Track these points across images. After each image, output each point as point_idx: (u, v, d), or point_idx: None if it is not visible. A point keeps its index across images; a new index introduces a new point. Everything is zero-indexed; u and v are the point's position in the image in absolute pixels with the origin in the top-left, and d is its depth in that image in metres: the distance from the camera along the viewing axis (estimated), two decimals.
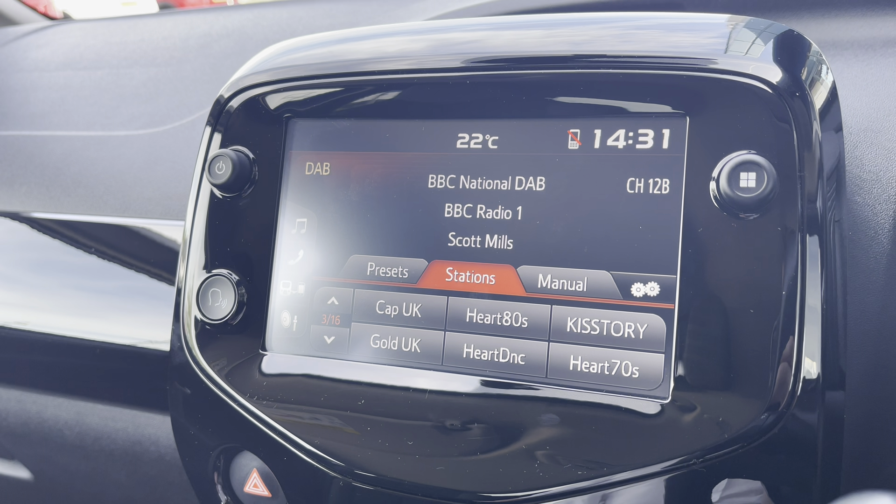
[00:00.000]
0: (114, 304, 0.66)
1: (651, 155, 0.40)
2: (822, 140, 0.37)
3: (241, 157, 0.47)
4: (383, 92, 0.46)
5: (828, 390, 0.36)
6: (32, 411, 0.71)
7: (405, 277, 0.44)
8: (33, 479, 0.75)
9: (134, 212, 0.68)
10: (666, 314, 0.38)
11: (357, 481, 0.43)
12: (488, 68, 0.43)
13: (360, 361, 0.44)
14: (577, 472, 0.38)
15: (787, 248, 0.36)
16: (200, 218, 0.49)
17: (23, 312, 0.70)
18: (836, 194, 0.38)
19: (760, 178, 0.36)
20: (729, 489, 0.37)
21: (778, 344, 0.36)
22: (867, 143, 0.47)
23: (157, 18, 0.97)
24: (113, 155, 0.74)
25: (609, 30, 0.43)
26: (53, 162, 0.76)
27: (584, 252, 0.40)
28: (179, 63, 0.84)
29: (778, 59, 0.38)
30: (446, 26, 0.48)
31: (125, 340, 0.64)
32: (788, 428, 0.36)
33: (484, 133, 0.43)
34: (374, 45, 0.48)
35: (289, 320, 0.46)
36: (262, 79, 0.49)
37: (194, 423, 0.48)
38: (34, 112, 0.85)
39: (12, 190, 0.76)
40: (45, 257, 0.71)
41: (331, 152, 0.46)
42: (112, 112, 0.80)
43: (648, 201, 0.39)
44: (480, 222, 0.42)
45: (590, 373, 0.39)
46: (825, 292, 0.36)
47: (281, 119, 0.48)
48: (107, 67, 0.88)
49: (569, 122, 0.42)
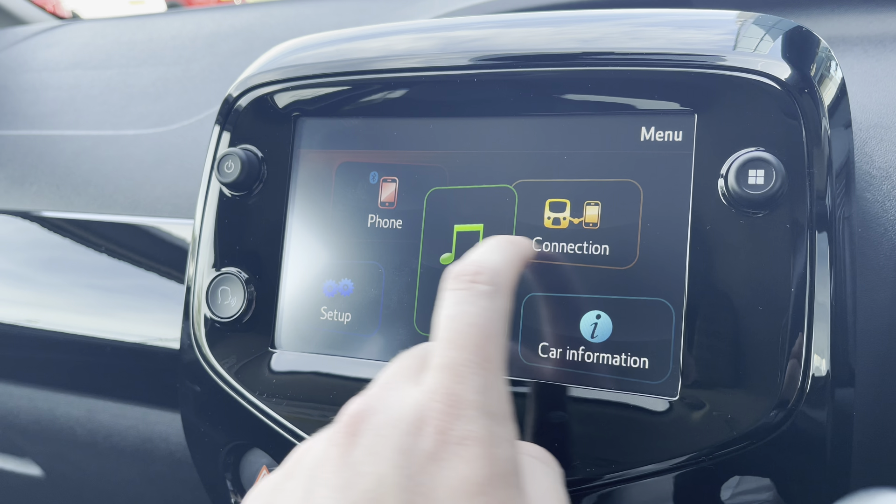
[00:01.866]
0: (124, 303, 0.67)
1: (659, 152, 0.40)
2: (831, 136, 0.37)
3: (250, 156, 0.47)
4: (391, 90, 0.46)
5: (837, 387, 0.36)
6: (44, 409, 0.72)
7: None
8: (44, 476, 0.76)
9: (143, 210, 0.68)
10: (675, 312, 0.38)
11: None
12: (496, 66, 0.43)
13: (368, 359, 0.44)
14: (587, 469, 0.38)
15: (796, 245, 0.36)
16: (209, 216, 0.49)
17: (34, 310, 0.70)
18: (846, 191, 0.38)
19: (769, 175, 0.36)
20: (738, 486, 0.37)
21: (787, 341, 0.36)
22: (877, 140, 0.47)
23: (166, 17, 0.98)
24: (122, 154, 0.74)
25: (617, 27, 0.43)
26: (64, 161, 0.77)
27: None
28: (188, 62, 0.85)
29: (787, 56, 0.38)
30: (454, 24, 0.48)
31: (135, 338, 0.65)
32: (798, 425, 0.36)
33: (491, 131, 0.43)
34: (381, 44, 0.48)
35: (298, 318, 0.46)
36: (271, 78, 0.49)
37: (204, 420, 0.49)
38: (44, 111, 0.86)
39: (23, 189, 0.76)
40: (56, 256, 0.71)
41: (339, 150, 0.46)
42: (121, 111, 0.81)
43: None
44: None
45: (598, 371, 0.39)
46: (834, 289, 0.36)
47: (289, 118, 0.48)
48: (116, 67, 0.89)
49: (577, 119, 0.42)
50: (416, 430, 0.28)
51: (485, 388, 0.29)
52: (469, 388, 0.29)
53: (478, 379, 0.29)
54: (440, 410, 0.29)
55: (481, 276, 0.32)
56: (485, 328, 0.31)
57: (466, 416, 0.28)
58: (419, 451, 0.28)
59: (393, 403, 0.30)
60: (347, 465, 0.28)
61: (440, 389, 0.29)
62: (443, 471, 0.27)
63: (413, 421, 0.29)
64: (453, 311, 0.31)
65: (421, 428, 0.28)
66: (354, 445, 0.29)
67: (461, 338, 0.30)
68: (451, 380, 0.29)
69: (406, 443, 0.28)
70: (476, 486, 0.27)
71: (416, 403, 0.29)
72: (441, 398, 0.29)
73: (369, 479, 0.27)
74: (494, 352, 0.30)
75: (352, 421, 0.30)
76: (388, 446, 0.28)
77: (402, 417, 0.29)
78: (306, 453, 0.31)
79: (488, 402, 0.29)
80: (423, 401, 0.29)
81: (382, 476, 0.27)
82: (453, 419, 0.28)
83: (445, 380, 0.29)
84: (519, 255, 0.35)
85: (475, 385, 0.29)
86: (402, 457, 0.28)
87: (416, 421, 0.29)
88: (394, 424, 0.29)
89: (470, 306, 0.31)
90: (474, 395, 0.29)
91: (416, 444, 0.28)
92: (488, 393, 0.29)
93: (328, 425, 0.31)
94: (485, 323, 0.31)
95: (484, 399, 0.29)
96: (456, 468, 0.27)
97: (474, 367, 0.30)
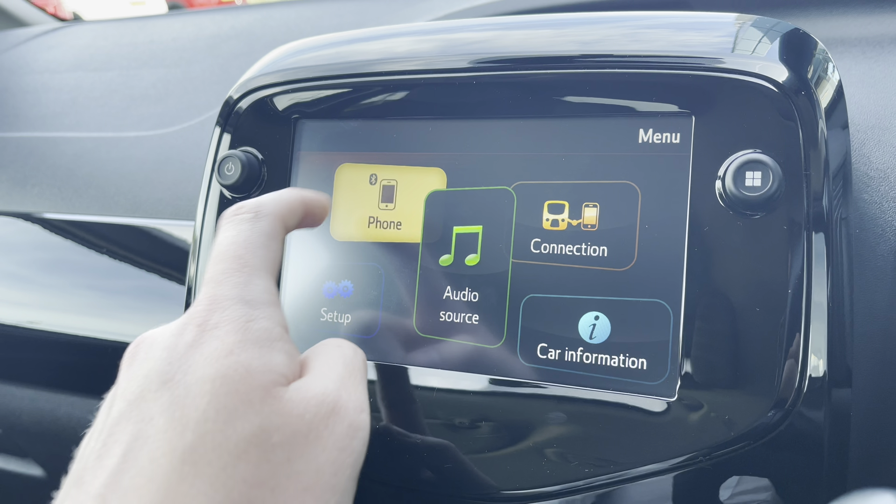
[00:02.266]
0: (125, 304, 0.67)
1: (657, 154, 0.40)
2: (827, 138, 0.37)
3: (251, 158, 0.48)
4: (391, 92, 0.46)
5: (834, 388, 0.36)
6: (46, 409, 0.72)
7: None
8: (46, 477, 0.76)
9: (144, 212, 0.69)
10: (673, 313, 0.39)
11: (366, 479, 0.43)
12: (496, 68, 0.44)
13: (368, 360, 0.44)
14: (585, 470, 0.39)
15: (793, 246, 0.37)
16: (210, 219, 0.49)
17: (35, 312, 0.71)
18: (843, 192, 0.38)
19: (766, 176, 0.36)
20: (737, 486, 0.37)
21: (784, 342, 0.36)
22: (875, 141, 0.47)
23: (166, 19, 0.98)
24: (124, 156, 0.75)
25: (615, 29, 0.43)
26: (65, 163, 0.77)
27: None
28: (188, 64, 0.85)
29: (784, 59, 0.39)
30: (453, 27, 0.48)
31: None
32: (795, 425, 0.36)
33: (490, 133, 0.43)
34: (381, 46, 0.48)
35: (297, 320, 0.46)
36: (271, 80, 0.49)
37: None
38: (46, 113, 0.86)
39: (25, 191, 0.76)
40: (58, 257, 0.72)
41: (339, 153, 0.47)
42: (122, 113, 0.81)
43: None
44: None
45: (596, 372, 0.40)
46: (831, 289, 0.36)
47: (289, 120, 0.48)
48: (117, 69, 0.89)
49: (575, 121, 0.42)
50: (182, 332, 0.32)
51: (242, 284, 0.34)
52: (226, 287, 0.33)
53: (235, 278, 0.34)
54: (200, 310, 0.33)
55: (244, 210, 0.37)
56: (243, 243, 0.35)
57: (222, 306, 0.33)
58: (181, 344, 0.32)
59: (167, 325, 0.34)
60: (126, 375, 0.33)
61: (203, 298, 0.33)
62: (199, 349, 0.31)
63: (180, 326, 0.33)
64: (219, 238, 0.36)
65: (185, 327, 0.32)
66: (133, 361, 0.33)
67: (220, 254, 0.35)
68: (212, 287, 0.34)
69: (171, 342, 0.32)
70: (224, 351, 0.31)
71: (185, 316, 0.33)
72: (204, 302, 0.33)
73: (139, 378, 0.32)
74: (253, 258, 0.35)
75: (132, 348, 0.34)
76: (156, 349, 0.32)
77: (171, 328, 0.33)
78: None
79: (245, 294, 0.33)
80: (190, 311, 0.33)
81: (149, 370, 0.31)
82: (210, 312, 0.33)
83: (207, 289, 0.34)
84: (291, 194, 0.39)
85: (232, 283, 0.34)
86: (167, 352, 0.32)
87: (182, 325, 0.33)
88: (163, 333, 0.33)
89: (230, 230, 0.36)
90: (231, 290, 0.33)
91: (181, 340, 0.32)
92: (246, 287, 0.34)
93: None
94: (243, 239, 0.35)
95: (240, 292, 0.33)
96: (210, 344, 0.31)
97: (231, 272, 0.34)
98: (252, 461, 0.29)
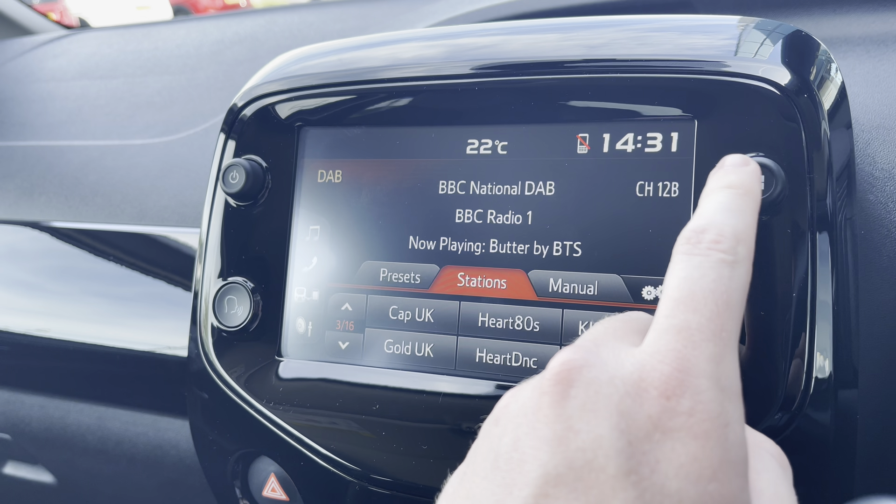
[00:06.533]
0: (132, 311, 0.67)
1: (660, 158, 0.40)
2: (831, 139, 0.37)
3: (255, 166, 0.48)
4: (394, 99, 0.46)
5: (840, 388, 0.36)
6: (55, 417, 0.72)
7: (417, 283, 0.44)
8: (57, 483, 0.77)
9: (150, 220, 0.69)
10: None
11: (373, 485, 0.43)
12: (498, 74, 0.44)
13: (374, 366, 0.44)
14: None
15: (799, 249, 0.36)
16: (215, 226, 0.50)
17: (44, 320, 0.71)
18: (847, 193, 0.38)
19: (770, 180, 0.36)
20: None
21: (790, 344, 0.36)
22: (879, 141, 0.47)
23: (171, 26, 0.99)
24: (129, 164, 0.75)
25: (618, 34, 0.43)
26: (72, 171, 0.77)
27: (594, 256, 0.40)
28: (193, 71, 0.86)
29: (786, 61, 0.38)
30: (455, 32, 0.48)
31: (144, 346, 0.65)
32: (801, 427, 0.36)
33: (493, 138, 0.44)
34: (384, 53, 0.48)
35: (303, 326, 0.47)
36: (274, 88, 0.49)
37: (212, 428, 0.49)
38: (52, 122, 0.87)
39: (32, 199, 0.77)
40: (65, 265, 0.72)
41: (342, 160, 0.47)
42: (128, 121, 0.82)
43: (658, 204, 0.40)
44: (491, 227, 0.43)
45: None
46: (836, 291, 0.36)
47: (293, 128, 0.48)
48: (122, 76, 0.90)
49: (578, 126, 0.42)
50: (638, 393, 0.25)
51: (719, 357, 0.26)
52: (702, 355, 0.25)
53: (712, 347, 0.26)
54: (667, 374, 0.25)
55: (721, 245, 0.29)
56: (723, 296, 0.27)
57: (697, 385, 0.25)
58: (642, 415, 0.24)
59: (608, 359, 0.26)
60: (560, 418, 0.25)
61: (668, 352, 0.26)
62: (669, 442, 0.24)
63: (635, 381, 0.25)
64: (690, 274, 0.28)
65: (644, 390, 0.25)
66: (567, 398, 0.25)
67: (697, 302, 0.27)
68: (682, 343, 0.26)
69: (626, 404, 0.25)
70: (708, 470, 0.24)
71: (637, 363, 0.26)
72: (669, 361, 0.25)
73: (585, 438, 0.24)
74: (731, 324, 0.27)
75: (563, 370, 0.26)
76: (606, 405, 0.25)
77: (621, 376, 0.25)
78: (513, 400, 0.28)
79: (721, 375, 0.25)
80: (646, 362, 0.26)
81: (600, 437, 0.24)
82: (682, 386, 0.25)
83: (675, 342, 0.26)
84: (756, 211, 0.32)
85: (709, 353, 0.25)
86: (623, 419, 0.24)
87: (638, 381, 0.25)
88: (612, 382, 0.25)
89: (709, 271, 0.28)
90: (707, 364, 0.25)
91: (639, 408, 0.24)
92: (722, 364, 0.26)
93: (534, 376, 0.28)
94: (724, 291, 0.27)
95: (717, 370, 0.25)
96: (685, 443, 0.24)
97: (709, 333, 0.26)
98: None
